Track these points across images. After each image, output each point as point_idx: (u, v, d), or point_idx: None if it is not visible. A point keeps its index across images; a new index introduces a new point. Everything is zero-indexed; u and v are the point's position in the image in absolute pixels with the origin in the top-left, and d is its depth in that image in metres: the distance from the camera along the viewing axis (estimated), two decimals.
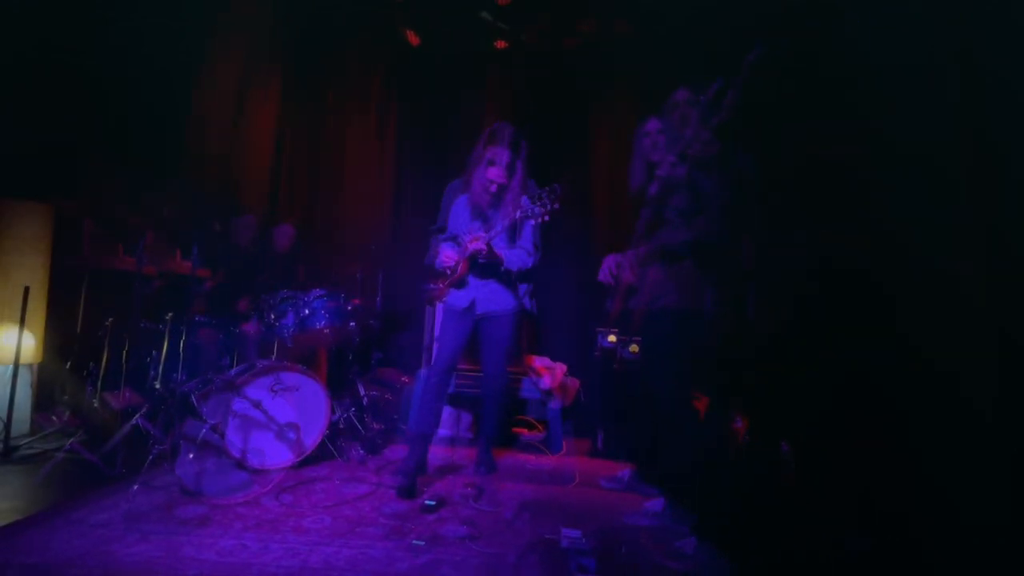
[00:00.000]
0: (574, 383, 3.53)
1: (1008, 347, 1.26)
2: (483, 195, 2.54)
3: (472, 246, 2.44)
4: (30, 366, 3.09)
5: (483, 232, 2.48)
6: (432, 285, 2.68)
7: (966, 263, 1.35)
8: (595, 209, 4.16)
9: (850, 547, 1.60)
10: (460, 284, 2.61)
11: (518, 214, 2.35)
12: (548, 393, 3.42)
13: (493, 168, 2.48)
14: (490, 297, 2.62)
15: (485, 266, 2.58)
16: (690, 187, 2.07)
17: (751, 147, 2.10)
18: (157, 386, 2.89)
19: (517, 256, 2.57)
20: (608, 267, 2.51)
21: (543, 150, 4.13)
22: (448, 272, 2.60)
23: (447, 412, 3.54)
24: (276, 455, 2.63)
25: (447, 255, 2.57)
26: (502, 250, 2.52)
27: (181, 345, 2.81)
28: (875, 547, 1.55)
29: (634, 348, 3.08)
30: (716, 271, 2.13)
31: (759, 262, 2.26)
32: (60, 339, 3.26)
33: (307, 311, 3.00)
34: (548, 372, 3.46)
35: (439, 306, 3.39)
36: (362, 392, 3.36)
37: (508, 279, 2.66)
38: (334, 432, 2.92)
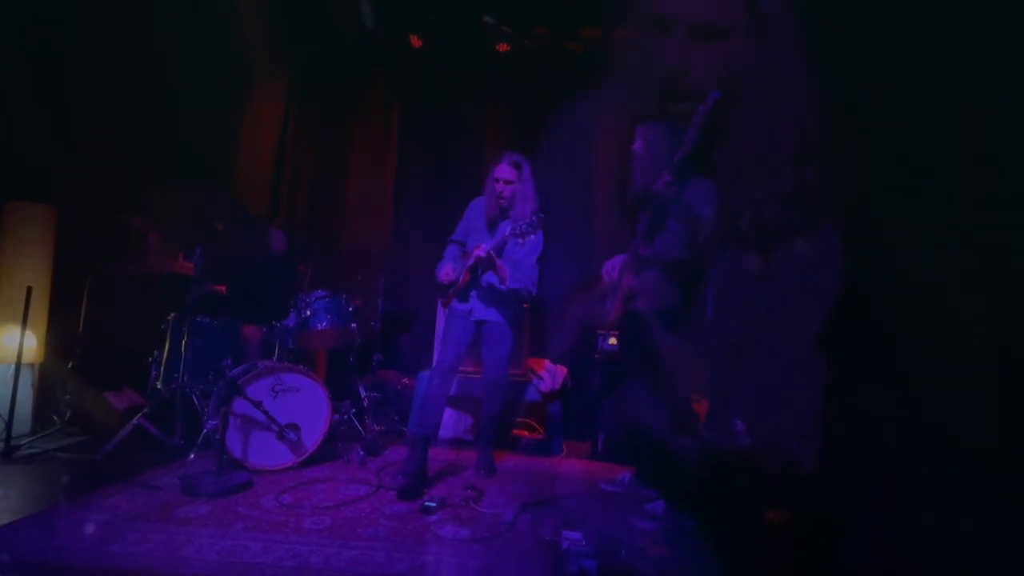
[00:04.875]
0: (562, 370, 3.54)
1: (1008, 365, 1.23)
2: (493, 207, 2.70)
3: (475, 253, 2.54)
4: (31, 366, 3.10)
5: (489, 242, 2.59)
6: (441, 298, 2.82)
7: (965, 277, 1.33)
8: (597, 211, 4.17)
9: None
10: (463, 297, 2.70)
11: (507, 231, 2.50)
12: (549, 396, 3.43)
13: (499, 184, 2.67)
14: (488, 309, 2.70)
15: (487, 286, 2.67)
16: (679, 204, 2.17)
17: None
18: (159, 386, 2.89)
19: (520, 279, 2.65)
20: (610, 266, 2.54)
21: (545, 154, 4.16)
22: (451, 284, 2.72)
23: (448, 414, 3.55)
24: (277, 456, 2.63)
25: (445, 271, 2.72)
26: (507, 263, 2.61)
27: (183, 345, 2.82)
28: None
29: (613, 340, 3.29)
30: (679, 279, 2.33)
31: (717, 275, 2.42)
32: (62, 339, 3.27)
33: (308, 312, 3.02)
34: (549, 375, 3.46)
35: (441, 308, 3.42)
36: (363, 393, 3.37)
37: (506, 298, 2.71)
38: (335, 433, 2.92)
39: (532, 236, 2.49)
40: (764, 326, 1.95)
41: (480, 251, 2.50)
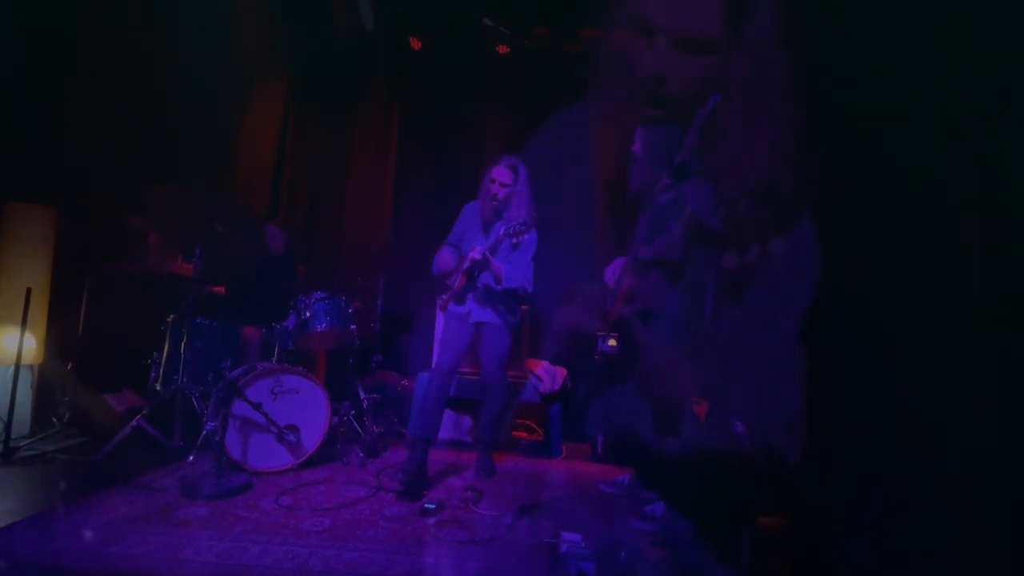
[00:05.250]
0: (561, 371, 3.54)
1: (1008, 366, 1.21)
2: (488, 208, 2.67)
3: (470, 255, 2.54)
4: (31, 367, 3.09)
5: (483, 243, 2.58)
6: (440, 298, 2.82)
7: (965, 277, 1.31)
8: (596, 212, 4.17)
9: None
10: (459, 300, 2.70)
11: (501, 231, 2.49)
12: (548, 397, 3.42)
13: (495, 186, 2.64)
14: (485, 311, 2.70)
15: (483, 288, 2.67)
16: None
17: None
18: (158, 388, 2.89)
19: (515, 279, 2.64)
20: (611, 270, 2.54)
21: (545, 153, 4.16)
22: (447, 283, 2.71)
23: (447, 416, 3.54)
24: (276, 458, 2.63)
25: (444, 260, 2.71)
26: (502, 263, 2.60)
27: (182, 346, 2.82)
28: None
29: (612, 342, 3.27)
30: (679, 280, 2.30)
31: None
32: (61, 340, 3.27)
33: (308, 313, 3.02)
34: (548, 376, 3.46)
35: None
36: (362, 395, 3.37)
37: (503, 299, 2.71)
38: (334, 435, 2.92)
39: (526, 235, 2.49)
40: (748, 322, 1.95)
41: (475, 253, 2.51)
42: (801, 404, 1.62)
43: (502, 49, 4.30)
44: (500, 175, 2.63)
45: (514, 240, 2.45)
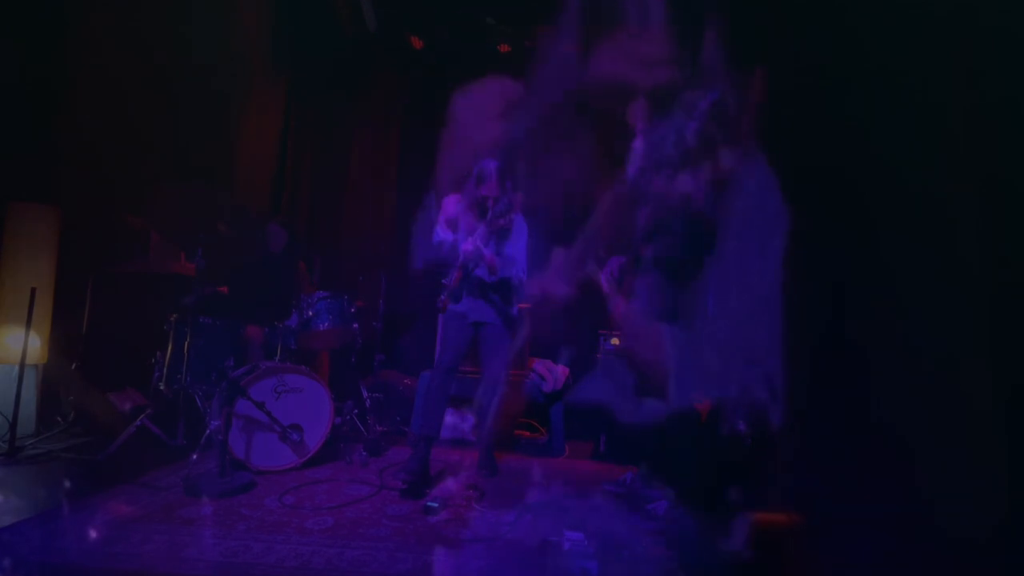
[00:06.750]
0: (564, 370, 3.54)
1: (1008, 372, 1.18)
2: (475, 211, 2.64)
3: (462, 248, 2.54)
4: (35, 366, 3.11)
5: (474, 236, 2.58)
6: (440, 299, 2.78)
7: (965, 287, 1.29)
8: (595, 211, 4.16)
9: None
10: (455, 298, 2.69)
11: (488, 217, 2.50)
12: (551, 396, 3.43)
13: (484, 183, 2.60)
14: (482, 310, 2.70)
15: (477, 282, 2.67)
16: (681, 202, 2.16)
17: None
18: (162, 387, 2.90)
19: (508, 268, 2.64)
20: (611, 270, 2.54)
21: (542, 155, 4.16)
22: (443, 281, 2.69)
23: (449, 414, 3.55)
24: (279, 456, 2.64)
25: (444, 232, 2.66)
26: (495, 255, 2.61)
27: (186, 346, 2.83)
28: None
29: (615, 341, 3.27)
30: (681, 279, 2.28)
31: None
32: (65, 340, 3.28)
33: (310, 312, 3.02)
34: (551, 375, 3.46)
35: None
36: (365, 394, 3.37)
37: (500, 297, 2.71)
38: (337, 434, 2.92)
39: (512, 215, 2.46)
40: (723, 276, 1.93)
41: (467, 245, 2.52)
42: (781, 365, 1.60)
43: (503, 48, 4.30)
44: (487, 188, 2.58)
45: (501, 221, 2.45)
